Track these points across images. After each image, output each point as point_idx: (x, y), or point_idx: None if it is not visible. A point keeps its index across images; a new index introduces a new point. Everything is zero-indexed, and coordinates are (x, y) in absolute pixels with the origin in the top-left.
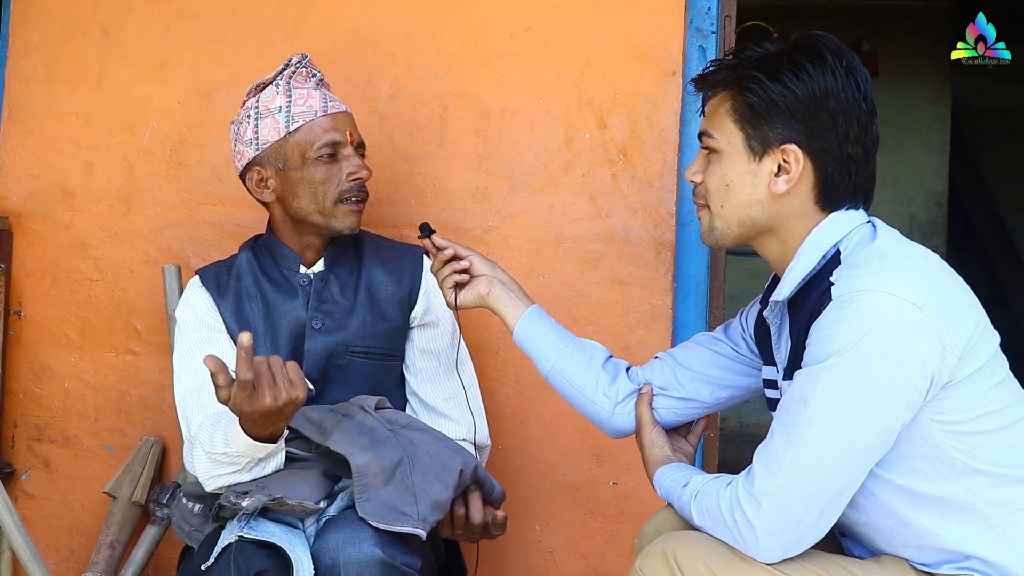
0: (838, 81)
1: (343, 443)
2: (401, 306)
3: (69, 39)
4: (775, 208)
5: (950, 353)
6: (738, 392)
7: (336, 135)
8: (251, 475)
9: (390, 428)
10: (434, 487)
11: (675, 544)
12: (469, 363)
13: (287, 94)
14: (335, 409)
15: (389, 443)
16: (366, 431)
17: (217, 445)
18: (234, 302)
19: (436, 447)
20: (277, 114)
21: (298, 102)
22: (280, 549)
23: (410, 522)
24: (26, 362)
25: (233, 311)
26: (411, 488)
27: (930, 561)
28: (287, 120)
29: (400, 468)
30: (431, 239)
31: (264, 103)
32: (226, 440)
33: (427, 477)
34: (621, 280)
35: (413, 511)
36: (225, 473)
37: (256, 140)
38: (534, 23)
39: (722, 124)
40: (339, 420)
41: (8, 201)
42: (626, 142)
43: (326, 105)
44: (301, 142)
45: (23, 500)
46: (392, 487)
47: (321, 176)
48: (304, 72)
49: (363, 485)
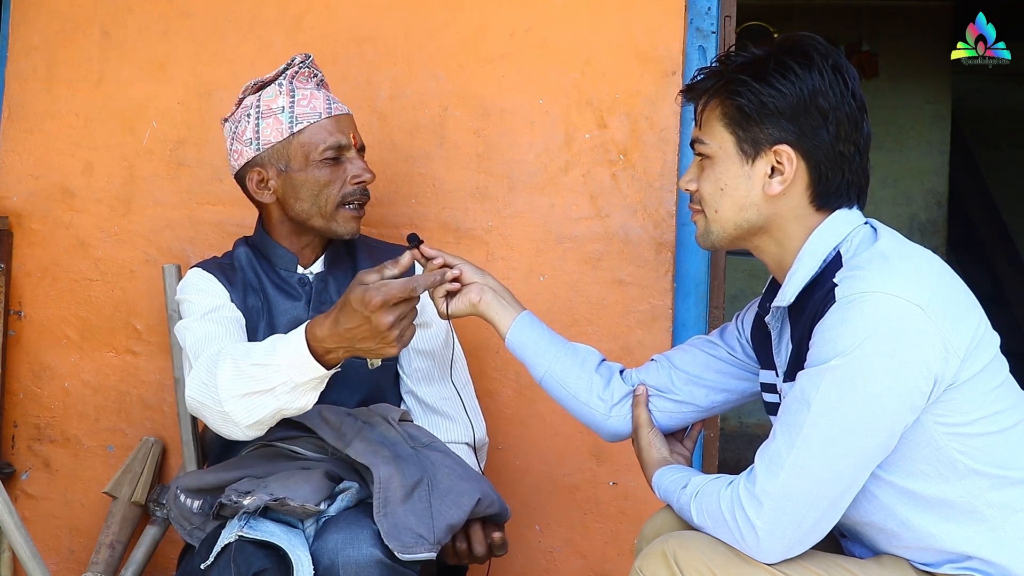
0: (825, 80)
1: (365, 453)
2: None
3: (69, 39)
4: (771, 210)
5: (953, 355)
6: (733, 396)
7: (341, 138)
8: (276, 403)
9: (412, 445)
10: (451, 511)
11: (675, 544)
12: (463, 364)
13: (290, 94)
14: (354, 414)
15: (411, 460)
16: (388, 443)
17: (256, 356)
18: (243, 291)
19: (456, 471)
20: (280, 114)
21: (301, 103)
22: (280, 549)
23: (426, 546)
24: (26, 362)
25: (241, 300)
26: (428, 510)
27: (931, 561)
28: (291, 121)
29: (419, 488)
30: (420, 249)
31: (266, 102)
32: (273, 350)
33: (445, 500)
34: (621, 280)
35: (430, 534)
36: (251, 392)
37: (257, 140)
38: (534, 23)
39: (713, 130)
40: (360, 428)
41: (8, 201)
42: (626, 142)
43: (330, 107)
44: (305, 143)
45: (23, 500)
46: (410, 505)
47: (325, 178)
48: (306, 72)
49: (383, 499)
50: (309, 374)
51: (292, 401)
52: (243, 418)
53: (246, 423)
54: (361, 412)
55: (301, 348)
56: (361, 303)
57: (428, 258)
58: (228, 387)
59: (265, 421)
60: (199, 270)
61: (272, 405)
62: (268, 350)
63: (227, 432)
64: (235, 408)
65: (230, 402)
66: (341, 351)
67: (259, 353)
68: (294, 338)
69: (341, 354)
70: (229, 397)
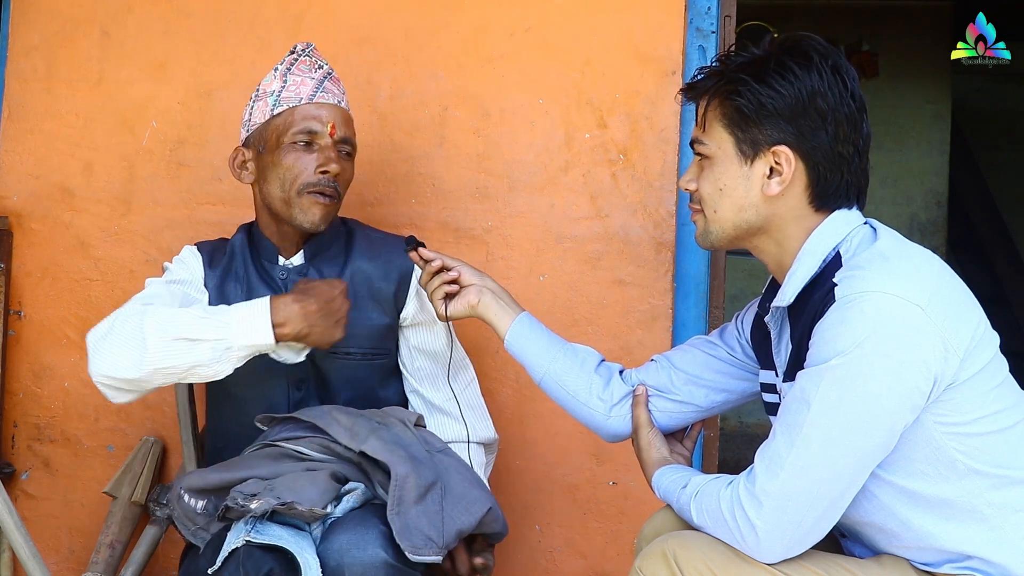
0: (824, 80)
1: (382, 451)
2: (388, 303)
3: (69, 39)
4: (769, 210)
5: (952, 354)
6: (733, 396)
7: (315, 124)
8: (195, 357)
9: (426, 449)
10: (462, 517)
11: (675, 544)
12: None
13: (283, 79)
14: (366, 415)
15: (426, 463)
16: (404, 444)
17: (203, 308)
18: (220, 278)
19: (468, 479)
20: (268, 97)
21: (290, 88)
22: (287, 551)
23: (434, 549)
24: (26, 362)
25: (217, 285)
26: (440, 513)
27: (931, 561)
28: (274, 103)
29: (433, 490)
30: (418, 252)
31: (263, 87)
32: (226, 308)
33: (458, 506)
34: (621, 280)
35: (439, 537)
36: (172, 337)
37: (249, 122)
38: (534, 23)
39: (712, 130)
40: (374, 427)
41: (8, 201)
42: (626, 142)
43: (315, 94)
44: (279, 125)
45: (23, 500)
46: (422, 507)
47: (290, 162)
48: (307, 61)
49: (398, 498)
50: (255, 339)
51: (213, 362)
52: (156, 359)
53: (155, 365)
54: (375, 413)
55: (262, 310)
56: (330, 284)
57: (426, 260)
58: (160, 324)
59: (170, 371)
60: (191, 247)
61: (190, 358)
62: (220, 308)
63: (118, 368)
64: (155, 343)
65: (153, 336)
66: (293, 327)
67: (208, 309)
68: (257, 303)
69: (290, 330)
70: (154, 331)
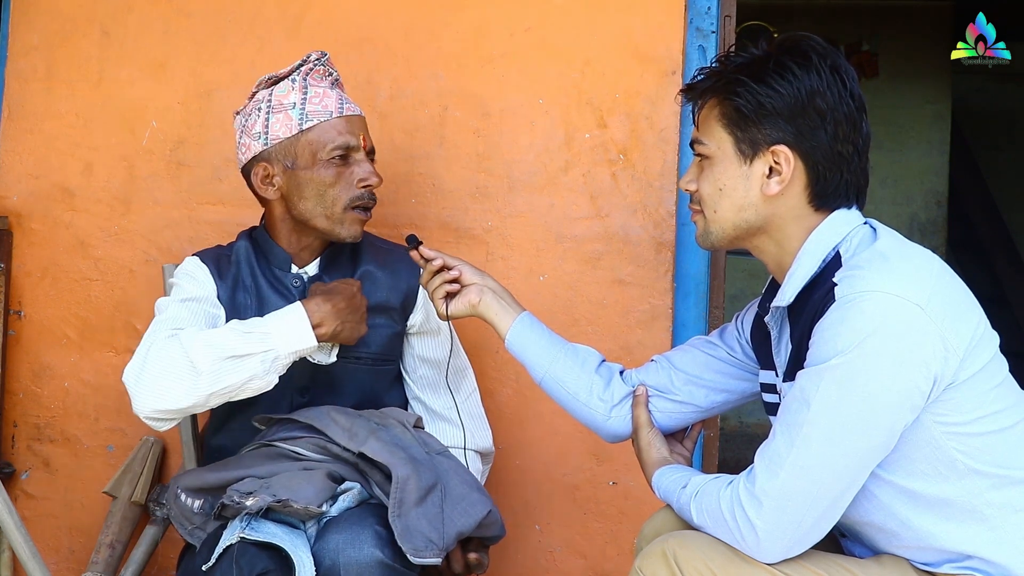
0: (823, 80)
1: (382, 452)
2: (397, 311)
3: (69, 39)
4: (769, 210)
5: (952, 354)
6: (733, 396)
7: (351, 138)
8: (243, 375)
9: (426, 451)
10: (462, 519)
11: (675, 544)
12: (464, 372)
13: (303, 91)
14: (365, 416)
15: (426, 464)
16: (403, 445)
17: (239, 325)
18: (231, 288)
19: (467, 481)
20: (291, 110)
21: (313, 100)
22: (281, 550)
23: (434, 551)
24: (26, 362)
25: (229, 297)
26: (440, 515)
27: (931, 561)
28: (301, 117)
29: (433, 492)
30: (419, 251)
31: (278, 97)
32: (261, 321)
33: (457, 508)
34: (621, 280)
35: (439, 539)
36: (228, 356)
37: (266, 134)
38: (534, 23)
39: (712, 130)
40: (373, 428)
41: (8, 201)
42: (626, 142)
43: (342, 107)
44: (313, 141)
45: (23, 500)
46: (423, 509)
47: (331, 178)
48: (321, 71)
49: (399, 500)
50: (300, 344)
51: (264, 373)
52: (210, 382)
53: (210, 389)
54: (373, 414)
55: (299, 315)
56: (347, 283)
57: (427, 259)
58: (205, 348)
59: (225, 391)
60: (195, 259)
61: (242, 375)
62: (254, 321)
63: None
64: (205, 367)
65: (202, 361)
66: (329, 326)
67: (242, 324)
68: (291, 309)
69: (327, 329)
70: (201, 356)
